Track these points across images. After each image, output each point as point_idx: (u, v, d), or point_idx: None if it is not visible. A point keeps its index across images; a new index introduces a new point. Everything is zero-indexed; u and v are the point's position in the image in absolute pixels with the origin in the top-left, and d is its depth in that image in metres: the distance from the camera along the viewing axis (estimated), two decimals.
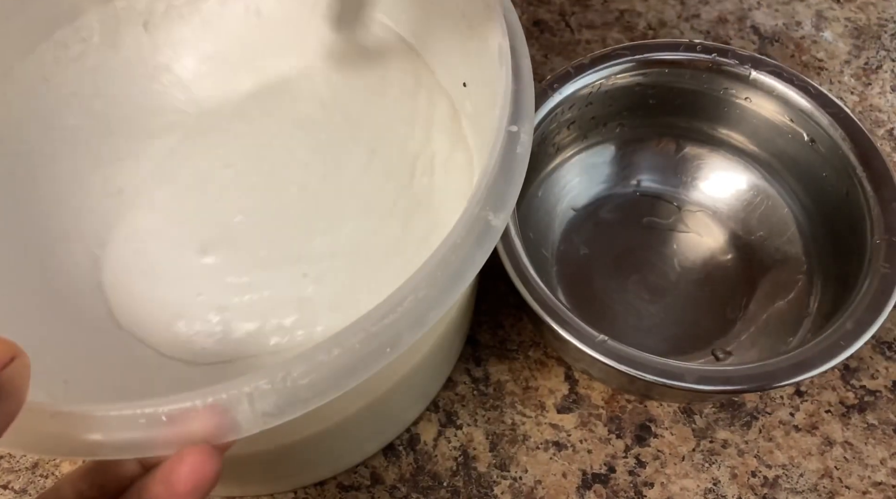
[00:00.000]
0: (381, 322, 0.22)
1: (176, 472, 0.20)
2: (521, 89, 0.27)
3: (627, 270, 0.40)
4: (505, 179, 0.25)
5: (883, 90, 0.47)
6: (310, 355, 0.21)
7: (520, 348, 0.39)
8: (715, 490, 0.36)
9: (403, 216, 0.33)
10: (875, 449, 0.36)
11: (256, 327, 0.30)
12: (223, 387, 0.21)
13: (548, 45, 0.49)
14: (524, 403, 0.38)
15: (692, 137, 0.41)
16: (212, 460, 0.20)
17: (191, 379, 0.30)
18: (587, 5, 0.50)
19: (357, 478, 0.36)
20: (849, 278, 0.34)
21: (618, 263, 0.40)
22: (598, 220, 0.41)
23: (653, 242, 0.41)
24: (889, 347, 0.39)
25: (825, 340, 0.31)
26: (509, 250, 0.33)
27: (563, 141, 0.40)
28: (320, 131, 0.35)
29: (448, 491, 0.36)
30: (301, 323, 0.30)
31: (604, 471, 0.36)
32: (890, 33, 0.49)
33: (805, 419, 0.37)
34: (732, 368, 0.31)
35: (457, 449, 0.37)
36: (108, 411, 0.21)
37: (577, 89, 0.38)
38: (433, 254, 0.23)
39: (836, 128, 0.36)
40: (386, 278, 0.31)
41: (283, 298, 0.31)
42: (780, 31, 0.49)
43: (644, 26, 0.49)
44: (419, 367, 0.32)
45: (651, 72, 0.38)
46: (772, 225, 0.39)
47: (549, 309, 0.31)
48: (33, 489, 0.36)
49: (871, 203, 0.34)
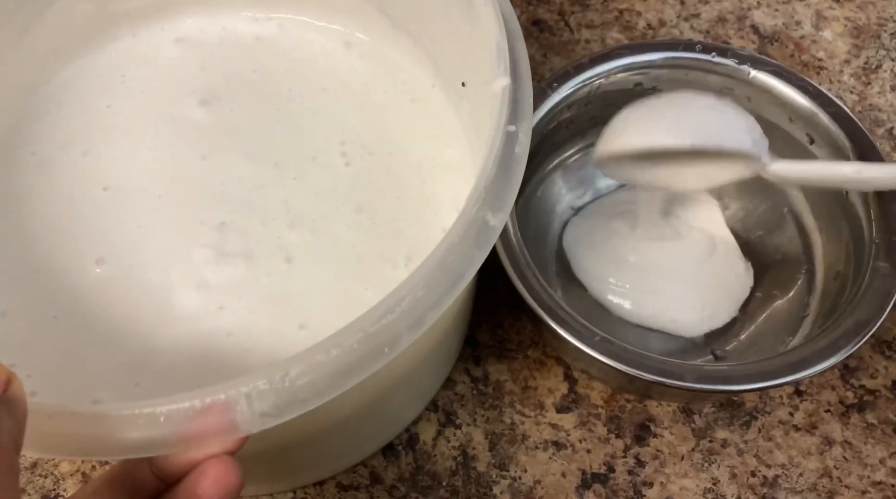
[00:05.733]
0: (380, 322, 0.22)
1: (200, 485, 0.21)
2: (519, 89, 0.27)
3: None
4: (503, 179, 0.25)
5: (882, 90, 0.47)
6: (308, 355, 0.21)
7: (519, 348, 0.39)
8: (714, 490, 0.36)
9: (401, 216, 0.33)
10: (874, 449, 0.36)
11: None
12: (221, 387, 0.21)
13: (547, 45, 0.49)
14: (523, 402, 0.38)
15: None
16: (234, 471, 0.21)
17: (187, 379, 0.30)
18: (586, 5, 0.50)
19: (356, 478, 0.36)
20: (849, 278, 0.34)
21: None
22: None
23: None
24: (889, 347, 0.39)
25: (825, 339, 0.31)
26: (508, 250, 0.33)
27: (562, 141, 0.40)
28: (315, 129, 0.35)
29: (447, 491, 0.36)
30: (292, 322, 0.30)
31: (603, 471, 0.36)
32: (889, 33, 0.49)
33: (804, 419, 0.37)
34: (732, 368, 0.31)
35: (456, 449, 0.37)
36: (107, 412, 0.21)
37: (576, 89, 0.38)
38: (432, 254, 0.23)
39: (836, 127, 0.36)
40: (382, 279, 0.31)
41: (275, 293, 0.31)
42: (780, 30, 0.49)
43: (643, 26, 0.49)
44: (418, 367, 0.32)
45: (651, 72, 0.38)
46: (771, 225, 0.39)
47: (548, 308, 0.31)
48: (32, 489, 0.36)
49: (871, 203, 0.34)
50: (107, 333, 0.30)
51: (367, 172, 0.34)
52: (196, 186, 0.33)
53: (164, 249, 0.32)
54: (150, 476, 0.22)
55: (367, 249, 0.32)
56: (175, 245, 0.32)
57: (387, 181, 0.34)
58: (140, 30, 0.38)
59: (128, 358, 0.29)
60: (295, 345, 0.30)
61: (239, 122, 0.35)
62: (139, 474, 0.22)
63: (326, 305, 0.31)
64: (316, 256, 0.32)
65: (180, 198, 0.33)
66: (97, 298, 0.31)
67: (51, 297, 0.31)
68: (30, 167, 0.34)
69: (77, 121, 0.35)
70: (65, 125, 0.35)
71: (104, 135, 0.35)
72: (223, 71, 0.37)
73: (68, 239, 0.32)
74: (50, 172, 0.34)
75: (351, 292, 0.31)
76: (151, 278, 0.31)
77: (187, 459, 0.21)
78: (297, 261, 0.32)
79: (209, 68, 0.37)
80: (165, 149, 0.34)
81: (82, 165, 0.34)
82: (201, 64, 0.37)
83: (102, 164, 0.34)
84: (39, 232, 0.32)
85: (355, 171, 0.34)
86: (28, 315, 0.30)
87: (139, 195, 0.33)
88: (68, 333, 0.30)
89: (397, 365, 0.25)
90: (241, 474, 0.21)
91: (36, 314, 0.30)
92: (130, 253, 0.32)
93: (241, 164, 0.34)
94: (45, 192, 0.33)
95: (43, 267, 0.31)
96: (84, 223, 0.32)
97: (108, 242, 0.32)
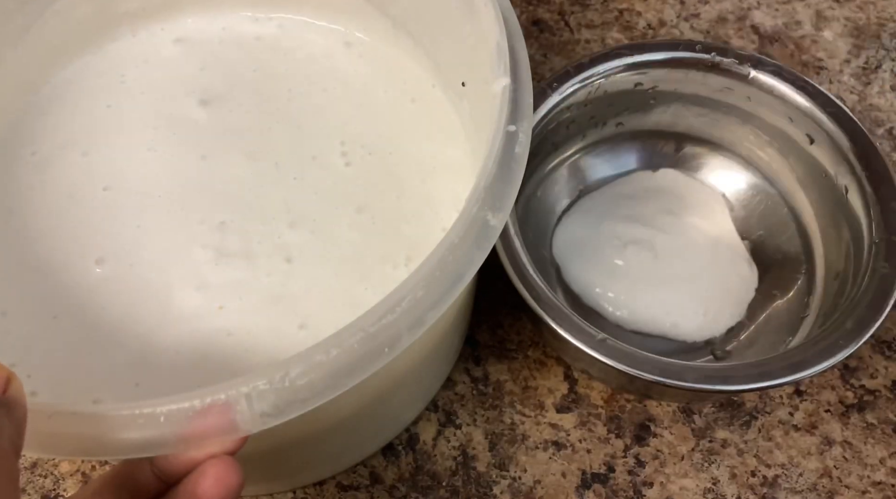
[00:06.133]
0: (380, 322, 0.22)
1: (201, 485, 0.21)
2: (519, 89, 0.27)
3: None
4: (503, 179, 0.25)
5: (882, 89, 0.47)
6: (308, 355, 0.21)
7: (519, 348, 0.39)
8: (714, 490, 0.36)
9: (401, 216, 0.33)
10: (874, 449, 0.36)
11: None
12: (221, 387, 0.21)
13: (547, 45, 0.49)
14: (523, 402, 0.38)
15: (692, 136, 0.41)
16: (234, 471, 0.21)
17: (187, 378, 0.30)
18: (586, 5, 0.50)
19: (356, 478, 0.36)
20: (848, 278, 0.34)
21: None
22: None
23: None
24: (888, 347, 0.39)
25: (824, 339, 0.31)
26: (508, 250, 0.33)
27: (561, 141, 0.40)
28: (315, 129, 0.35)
29: (447, 491, 0.36)
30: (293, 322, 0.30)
31: (603, 471, 0.36)
32: (890, 33, 0.49)
33: (804, 419, 0.37)
34: (731, 368, 0.31)
35: (456, 449, 0.37)
36: (107, 412, 0.21)
37: (577, 89, 0.38)
38: (431, 254, 0.23)
39: (836, 127, 0.36)
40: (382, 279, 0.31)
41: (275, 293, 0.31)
42: (780, 30, 0.49)
43: (643, 26, 0.49)
44: (418, 367, 0.32)
45: (650, 72, 0.38)
46: (771, 225, 0.39)
47: (548, 308, 0.31)
48: (32, 489, 0.36)
49: (871, 203, 0.34)
50: (107, 332, 0.30)
51: (368, 173, 0.34)
52: (196, 186, 0.33)
53: (164, 248, 0.32)
54: (151, 477, 0.22)
55: (368, 248, 0.32)
56: (175, 245, 0.32)
57: (387, 181, 0.34)
58: (140, 30, 0.38)
59: (128, 358, 0.29)
60: (295, 345, 0.30)
61: (239, 122, 0.35)
62: (140, 475, 0.22)
63: (326, 305, 0.31)
64: (316, 255, 0.32)
65: (180, 198, 0.33)
66: (97, 298, 0.31)
67: (51, 296, 0.31)
68: (30, 167, 0.34)
69: (77, 121, 0.35)
70: (65, 125, 0.35)
71: (104, 135, 0.35)
72: (223, 71, 0.37)
73: (68, 239, 0.32)
74: (50, 172, 0.34)
75: (351, 292, 0.31)
76: (151, 278, 0.31)
77: (188, 459, 0.21)
78: (296, 261, 0.32)
79: (209, 68, 0.37)
80: (165, 149, 0.34)
81: (82, 164, 0.34)
82: (201, 64, 0.37)
83: (102, 164, 0.34)
84: (40, 231, 0.32)
85: (355, 171, 0.34)
86: (28, 315, 0.30)
87: (139, 195, 0.33)
88: (68, 332, 0.30)
89: (397, 365, 0.25)
90: (241, 474, 0.21)
91: (36, 314, 0.30)
92: (130, 253, 0.32)
93: (241, 164, 0.34)
94: (46, 191, 0.33)
95: (43, 266, 0.31)
96: (84, 223, 0.32)
97: (108, 242, 0.32)
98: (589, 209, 0.40)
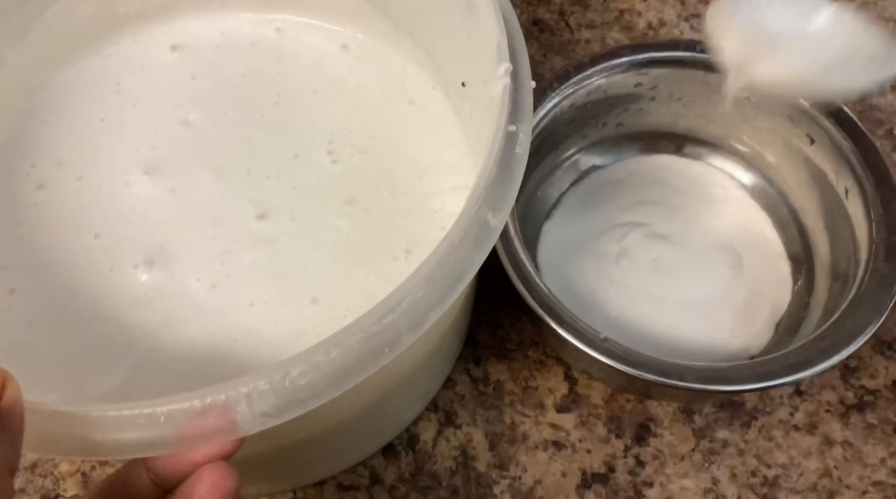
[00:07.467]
0: (380, 322, 0.22)
1: (197, 491, 0.21)
2: (519, 89, 0.27)
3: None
4: (503, 179, 0.25)
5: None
6: (308, 356, 0.21)
7: (519, 348, 0.39)
8: (714, 490, 0.36)
9: (398, 211, 0.33)
10: (874, 449, 0.36)
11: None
12: (221, 387, 0.21)
13: (547, 45, 0.49)
14: (523, 402, 0.38)
15: (692, 136, 0.41)
16: (230, 475, 0.21)
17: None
18: (587, 5, 0.50)
19: (356, 478, 0.36)
20: (849, 278, 0.34)
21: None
22: None
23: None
24: (889, 347, 0.39)
25: (825, 339, 0.31)
26: (508, 250, 0.33)
27: (561, 141, 0.40)
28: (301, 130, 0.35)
29: (447, 491, 0.36)
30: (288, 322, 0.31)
31: (603, 471, 0.36)
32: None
33: (805, 419, 0.37)
34: (732, 368, 0.31)
35: (456, 449, 0.37)
36: (107, 412, 0.21)
37: (577, 89, 0.38)
38: (432, 254, 0.23)
39: (836, 127, 0.36)
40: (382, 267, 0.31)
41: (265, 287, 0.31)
42: None
43: (644, 26, 0.49)
44: (418, 367, 0.32)
45: (651, 71, 0.38)
46: (772, 225, 0.39)
47: (548, 309, 0.31)
48: (32, 489, 0.36)
49: (871, 203, 0.34)
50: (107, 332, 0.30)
51: (357, 169, 0.34)
52: (159, 220, 0.33)
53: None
54: (148, 483, 0.22)
55: (364, 236, 0.32)
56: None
57: (379, 177, 0.34)
58: (140, 33, 0.37)
59: (128, 358, 0.29)
60: (296, 345, 0.30)
61: (217, 134, 0.35)
62: (136, 481, 0.22)
63: (328, 283, 0.31)
64: (302, 239, 0.32)
65: (145, 228, 0.32)
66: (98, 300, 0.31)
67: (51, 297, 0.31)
68: (30, 180, 0.33)
69: (74, 134, 0.35)
70: (62, 136, 0.34)
71: (98, 155, 0.34)
72: (213, 79, 0.36)
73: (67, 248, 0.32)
74: (45, 193, 0.33)
75: (353, 274, 0.31)
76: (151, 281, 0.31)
77: (185, 464, 0.21)
78: (280, 242, 0.32)
79: (200, 77, 0.36)
80: (142, 183, 0.34)
81: (77, 188, 0.33)
82: (193, 72, 0.37)
83: (94, 193, 0.33)
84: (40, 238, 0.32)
85: (342, 168, 0.34)
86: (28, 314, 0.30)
87: (127, 241, 0.32)
88: (68, 333, 0.30)
89: (397, 365, 0.25)
90: (237, 479, 0.21)
91: (36, 313, 0.30)
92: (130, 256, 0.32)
93: (207, 185, 0.33)
94: (44, 213, 0.33)
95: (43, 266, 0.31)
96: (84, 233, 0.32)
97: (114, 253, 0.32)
98: (575, 206, 0.39)
